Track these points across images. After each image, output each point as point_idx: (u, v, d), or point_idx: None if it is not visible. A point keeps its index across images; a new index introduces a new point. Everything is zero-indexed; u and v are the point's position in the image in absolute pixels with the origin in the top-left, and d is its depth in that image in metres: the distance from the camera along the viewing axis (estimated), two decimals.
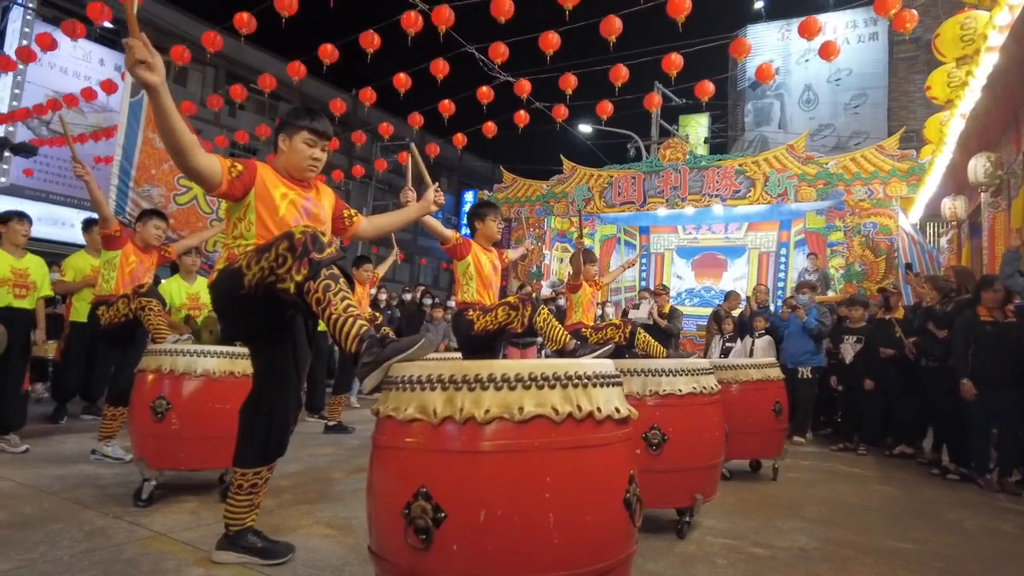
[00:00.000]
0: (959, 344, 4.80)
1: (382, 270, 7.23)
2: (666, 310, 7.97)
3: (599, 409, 1.66)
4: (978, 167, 7.57)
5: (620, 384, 1.83)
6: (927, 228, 13.69)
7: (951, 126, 7.24)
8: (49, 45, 9.63)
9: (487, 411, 1.56)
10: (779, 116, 18.69)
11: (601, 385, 1.72)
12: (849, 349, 6.19)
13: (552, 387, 1.62)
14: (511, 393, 1.59)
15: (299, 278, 2.06)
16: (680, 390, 3.11)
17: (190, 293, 5.29)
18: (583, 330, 5.54)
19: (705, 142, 19.34)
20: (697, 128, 19.52)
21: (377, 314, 6.09)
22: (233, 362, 3.44)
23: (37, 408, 5.89)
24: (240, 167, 2.46)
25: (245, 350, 3.26)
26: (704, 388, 3.19)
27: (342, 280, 2.11)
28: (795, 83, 18.60)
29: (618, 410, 1.73)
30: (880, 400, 6.08)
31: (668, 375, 3.13)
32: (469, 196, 31.99)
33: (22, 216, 4.64)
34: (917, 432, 6.04)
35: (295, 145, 2.57)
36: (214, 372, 3.36)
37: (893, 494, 4.42)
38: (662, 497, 3.12)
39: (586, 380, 1.68)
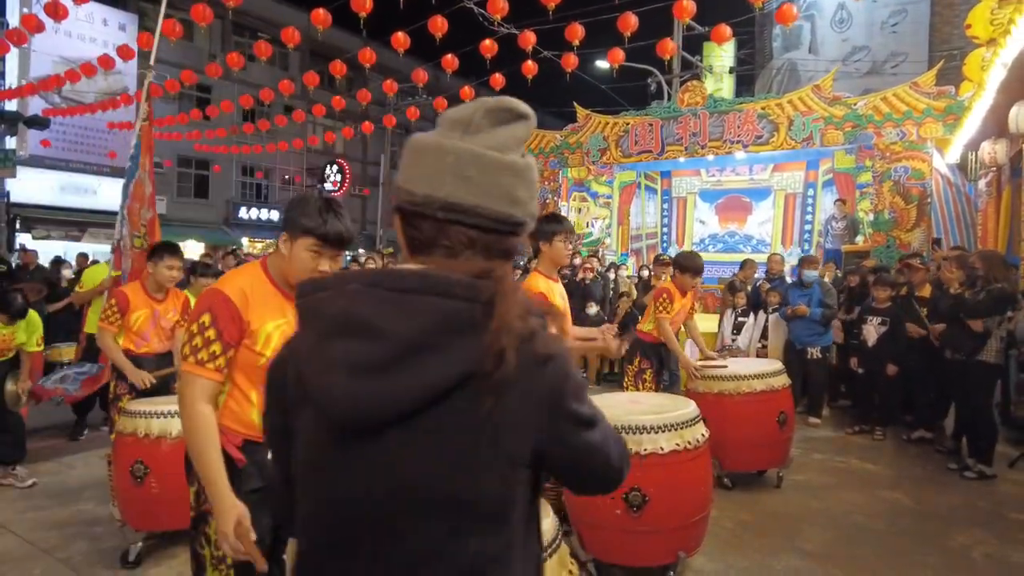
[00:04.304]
0: None
1: None
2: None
3: None
4: (1020, 115, 6.96)
5: (559, 547, 1.69)
6: (967, 159, 12.83)
7: (991, 75, 6.61)
8: (60, 14, 9.04)
9: None
10: (809, 39, 17.49)
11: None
12: (872, 331, 5.87)
13: None
14: None
15: None
16: (662, 448, 2.96)
17: None
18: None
19: (731, 72, 18.29)
20: (722, 56, 18.42)
21: None
22: None
23: (58, 414, 6.02)
24: (222, 355, 1.84)
25: None
26: (689, 443, 3.03)
27: None
28: (827, 1, 17.29)
29: None
30: (900, 382, 5.84)
31: (650, 432, 2.98)
32: None
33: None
34: (936, 413, 5.82)
35: (296, 253, 1.90)
36: None
37: (902, 505, 4.26)
38: (642, 557, 3.04)
39: None
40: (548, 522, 1.72)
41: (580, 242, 13.45)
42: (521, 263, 12.65)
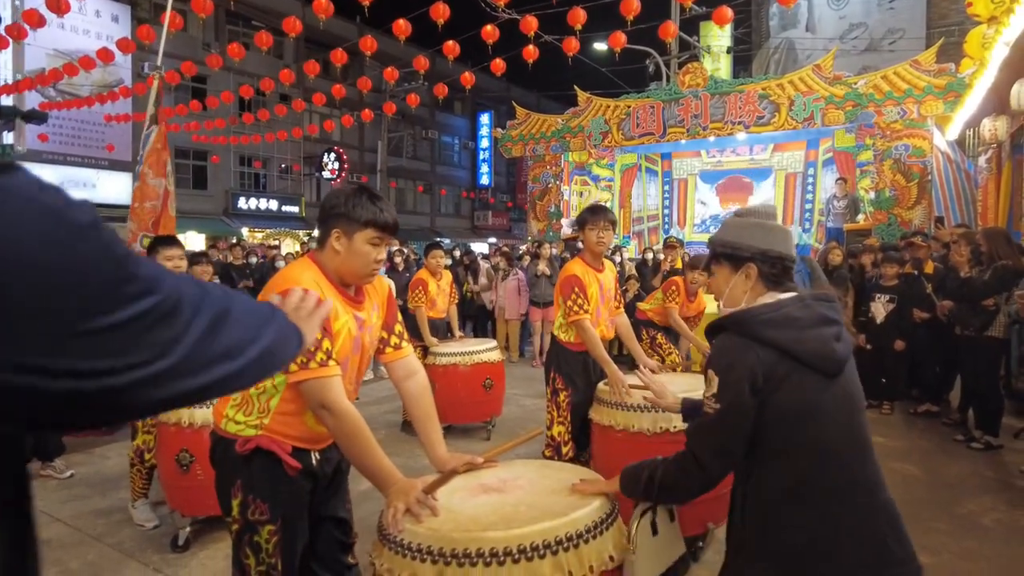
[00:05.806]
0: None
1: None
2: (679, 266, 7.67)
3: (591, 568, 1.66)
4: (1022, 93, 7.05)
5: (615, 521, 1.82)
6: (966, 136, 12.95)
7: (993, 53, 6.70)
8: (62, 8, 8.96)
9: None
10: (807, 17, 17.49)
11: (594, 537, 1.71)
12: (880, 308, 6.02)
13: (542, 556, 1.61)
14: (500, 569, 1.59)
15: None
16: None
17: None
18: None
19: (728, 52, 18.28)
20: (720, 37, 18.40)
21: None
22: None
23: None
24: (332, 348, 1.86)
25: None
26: None
27: None
28: None
29: (612, 558, 1.73)
30: (907, 356, 6.00)
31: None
32: (485, 119, 31.18)
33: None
34: (943, 387, 5.98)
35: (357, 247, 1.90)
36: None
37: (913, 476, 4.43)
38: None
39: (577, 539, 1.67)
40: (601, 498, 1.85)
41: None
42: (521, 249, 12.72)
